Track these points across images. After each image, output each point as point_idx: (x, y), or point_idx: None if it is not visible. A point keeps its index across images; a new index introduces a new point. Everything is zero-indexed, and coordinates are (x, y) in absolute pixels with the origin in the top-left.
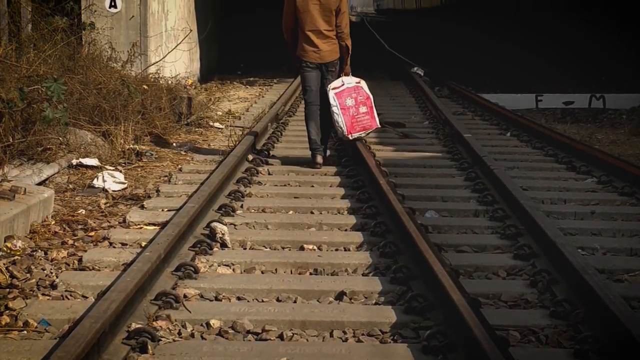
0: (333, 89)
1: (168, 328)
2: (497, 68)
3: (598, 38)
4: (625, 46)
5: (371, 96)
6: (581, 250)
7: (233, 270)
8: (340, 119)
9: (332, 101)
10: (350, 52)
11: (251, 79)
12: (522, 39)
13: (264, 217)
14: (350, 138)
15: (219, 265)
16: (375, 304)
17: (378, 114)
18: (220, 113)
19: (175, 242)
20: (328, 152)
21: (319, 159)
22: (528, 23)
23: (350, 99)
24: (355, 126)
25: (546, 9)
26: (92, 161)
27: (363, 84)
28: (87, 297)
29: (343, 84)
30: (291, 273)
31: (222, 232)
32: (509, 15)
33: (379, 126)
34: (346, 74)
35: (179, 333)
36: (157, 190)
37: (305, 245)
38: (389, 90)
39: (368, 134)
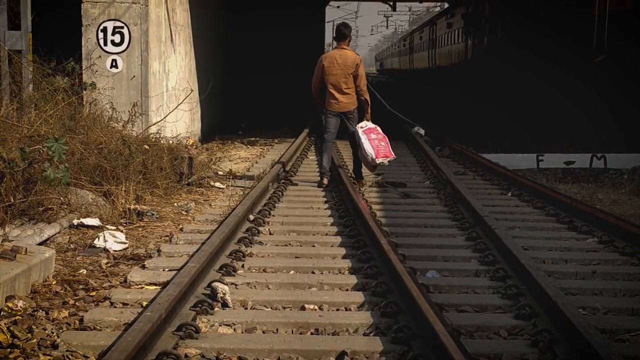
0: (361, 127)
1: None
2: (498, 128)
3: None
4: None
5: (385, 136)
6: (582, 310)
7: (234, 330)
8: (369, 148)
9: (361, 136)
10: (369, 104)
11: (252, 138)
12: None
13: (265, 277)
14: (378, 162)
15: (220, 325)
16: None
17: (379, 174)
18: (222, 173)
19: (176, 302)
20: (363, 178)
21: (325, 180)
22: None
23: (374, 135)
24: (379, 153)
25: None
26: (93, 221)
27: (378, 128)
28: (88, 357)
29: (367, 125)
30: (292, 333)
31: (223, 291)
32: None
33: (395, 156)
34: (367, 120)
35: None
36: (158, 250)
37: (306, 305)
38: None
39: (389, 161)
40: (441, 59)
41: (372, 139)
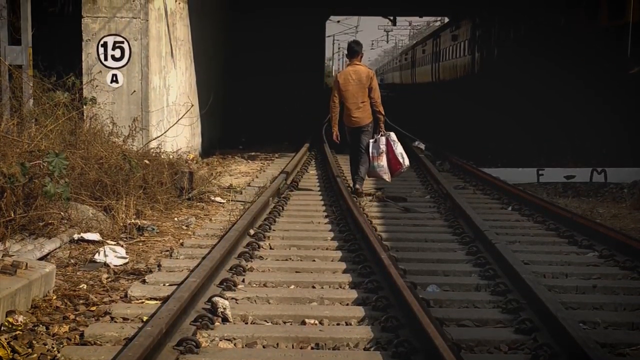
0: (373, 143)
1: None
2: (499, 142)
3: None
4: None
5: (399, 143)
6: (583, 324)
7: (234, 344)
8: (384, 165)
9: (373, 151)
10: (383, 115)
11: (253, 153)
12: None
13: (266, 292)
14: (392, 177)
15: (220, 340)
16: None
17: (379, 189)
18: (222, 187)
19: (176, 317)
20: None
21: (358, 185)
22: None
23: (387, 147)
24: (394, 170)
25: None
26: (94, 236)
27: (393, 136)
28: None
29: (381, 140)
30: (293, 347)
31: (224, 306)
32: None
33: (409, 165)
34: (381, 129)
35: None
36: (159, 265)
37: (306, 320)
38: None
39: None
40: (445, 73)
41: (391, 151)
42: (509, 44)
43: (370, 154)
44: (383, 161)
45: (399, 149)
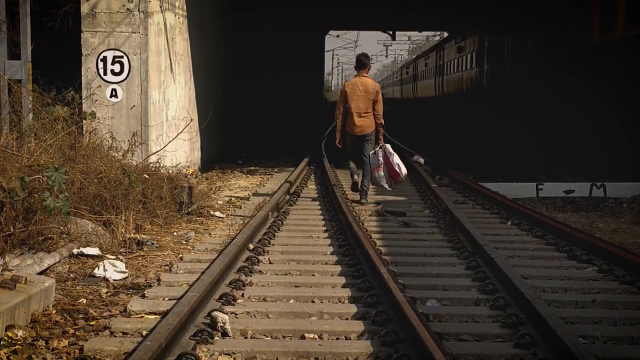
0: (391, 153)
1: None
2: (504, 155)
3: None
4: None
5: (395, 154)
6: (582, 338)
7: (234, 359)
8: (403, 168)
9: (395, 158)
10: (384, 127)
11: (252, 168)
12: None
13: (265, 306)
14: (394, 184)
15: (220, 355)
16: None
17: (378, 203)
18: (221, 202)
19: (176, 331)
20: (367, 199)
21: (356, 177)
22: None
23: (396, 158)
24: (396, 176)
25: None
26: (93, 250)
27: (388, 146)
28: None
29: (382, 150)
30: None
31: (223, 321)
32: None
33: (407, 173)
34: (381, 140)
35: None
36: (158, 280)
37: (306, 334)
38: None
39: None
40: (450, 86)
41: (391, 162)
42: (523, 55)
43: (370, 166)
44: (382, 172)
45: (395, 160)
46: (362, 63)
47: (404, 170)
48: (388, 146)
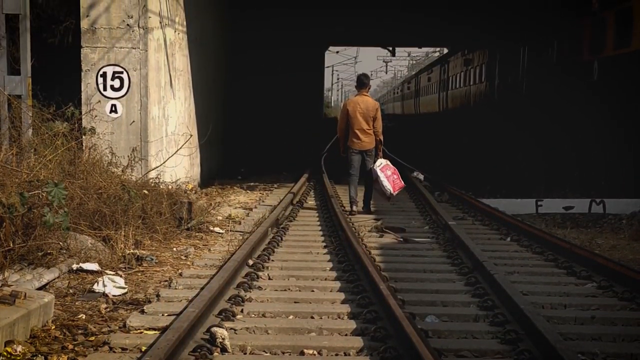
0: (378, 167)
1: None
2: (500, 172)
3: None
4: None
5: (396, 168)
6: (581, 355)
7: None
8: (387, 185)
9: (380, 174)
10: (383, 143)
11: (251, 183)
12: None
13: (264, 322)
14: (394, 194)
15: None
16: None
17: (378, 219)
18: (221, 218)
19: (175, 347)
20: (372, 208)
21: (354, 208)
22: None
23: (389, 171)
24: (395, 187)
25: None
26: (93, 266)
27: (389, 162)
28: None
29: (382, 163)
30: None
31: (223, 336)
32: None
33: (405, 185)
34: (380, 156)
35: None
36: (158, 295)
37: (305, 350)
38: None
39: (402, 189)
40: (455, 101)
41: (388, 175)
42: (540, 69)
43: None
44: (378, 186)
45: (384, 182)
46: (362, 83)
47: (388, 193)
48: (380, 164)
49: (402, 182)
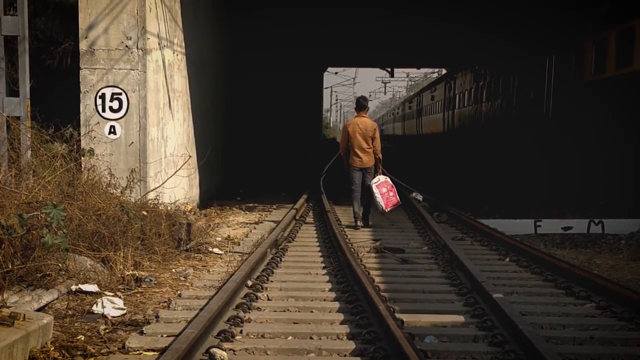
0: (374, 183)
1: None
2: (497, 193)
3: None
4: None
5: (394, 185)
6: None
7: None
8: (380, 201)
9: (374, 190)
10: (382, 161)
11: (250, 204)
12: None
13: (264, 343)
14: (387, 211)
15: None
16: None
17: (377, 240)
18: (220, 239)
19: None
20: (370, 222)
21: (359, 222)
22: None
23: (384, 188)
24: (388, 204)
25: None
26: (92, 287)
27: (388, 179)
28: None
29: (379, 180)
30: None
31: (222, 357)
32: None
33: (400, 202)
34: (379, 173)
35: None
36: (157, 316)
37: None
38: (388, 216)
39: (396, 206)
40: (464, 120)
41: (383, 192)
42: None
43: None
44: (373, 201)
45: (377, 198)
46: (361, 105)
47: (380, 208)
48: (378, 180)
49: (398, 198)
